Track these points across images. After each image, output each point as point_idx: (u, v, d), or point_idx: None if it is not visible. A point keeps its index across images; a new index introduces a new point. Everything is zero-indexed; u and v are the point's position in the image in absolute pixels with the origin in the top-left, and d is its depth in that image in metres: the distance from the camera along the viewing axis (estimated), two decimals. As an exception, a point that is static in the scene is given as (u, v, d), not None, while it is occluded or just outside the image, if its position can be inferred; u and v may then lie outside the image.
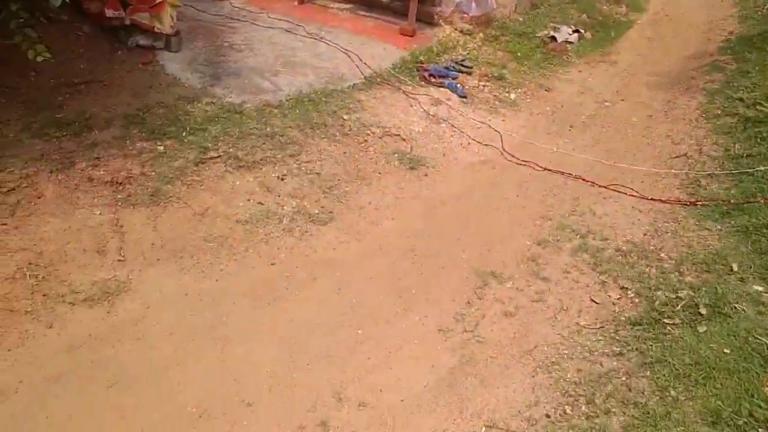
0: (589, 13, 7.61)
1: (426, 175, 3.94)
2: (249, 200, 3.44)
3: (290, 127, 4.08)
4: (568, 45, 6.54)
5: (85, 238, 3.06)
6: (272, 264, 3.09)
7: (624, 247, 3.31)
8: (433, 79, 5.18)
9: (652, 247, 3.30)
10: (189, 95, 4.30)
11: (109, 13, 4.67)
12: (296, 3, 6.51)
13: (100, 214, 3.23)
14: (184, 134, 3.84)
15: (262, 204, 3.43)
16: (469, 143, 4.41)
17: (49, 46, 4.16)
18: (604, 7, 8.34)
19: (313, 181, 3.69)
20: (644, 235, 3.44)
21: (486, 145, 4.41)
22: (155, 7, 4.78)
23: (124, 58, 4.74)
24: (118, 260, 3.00)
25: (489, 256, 3.23)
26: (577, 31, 6.80)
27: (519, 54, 6.05)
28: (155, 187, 3.39)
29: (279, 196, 3.53)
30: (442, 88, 5.11)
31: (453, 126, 4.57)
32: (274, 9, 6.27)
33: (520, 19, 6.73)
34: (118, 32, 4.87)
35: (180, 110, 4.08)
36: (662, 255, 3.23)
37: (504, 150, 4.35)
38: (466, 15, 6.19)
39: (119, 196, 3.35)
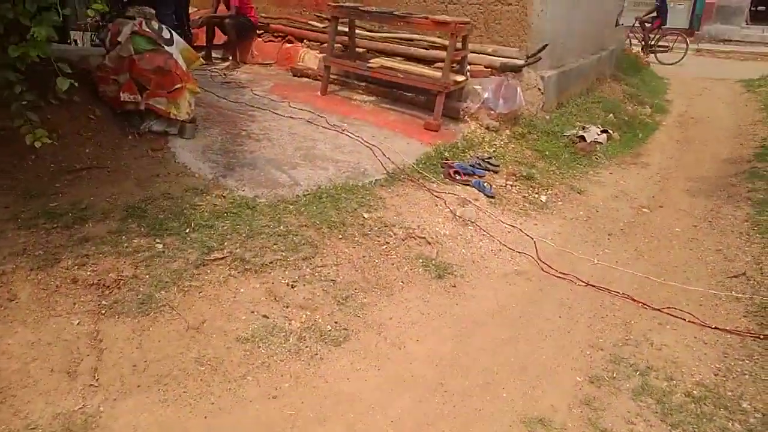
0: (615, 113, 7.44)
1: (454, 286, 3.48)
2: (253, 312, 2.98)
3: (306, 225, 3.70)
4: (596, 145, 6.28)
5: (55, 355, 2.59)
6: (273, 397, 2.57)
7: (695, 392, 2.77)
8: (458, 177, 4.85)
9: (729, 393, 2.76)
10: (198, 186, 3.97)
11: (124, 96, 4.47)
12: (319, 93, 6.38)
13: (78, 323, 2.78)
14: (187, 231, 3.45)
15: (267, 317, 2.96)
16: (500, 249, 3.98)
17: (55, 129, 3.93)
18: (629, 107, 8.22)
19: (327, 290, 3.24)
20: (715, 375, 2.90)
21: (519, 252, 3.98)
22: (173, 92, 4.58)
23: (135, 143, 4.48)
24: (91, 385, 2.50)
25: (534, 396, 2.70)
26: (605, 131, 6.58)
27: (547, 153, 5.77)
28: (147, 294, 2.95)
29: (287, 307, 3.07)
30: (468, 187, 4.77)
31: (482, 229, 4.16)
32: (295, 98, 6.12)
33: (547, 117, 6.53)
34: (131, 117, 4.64)
35: (186, 203, 3.72)
36: (744, 405, 2.68)
37: (539, 259, 3.90)
38: (492, 112, 5.98)
39: (104, 302, 2.90)
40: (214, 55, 8.08)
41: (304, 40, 7.58)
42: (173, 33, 4.75)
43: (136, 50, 4.44)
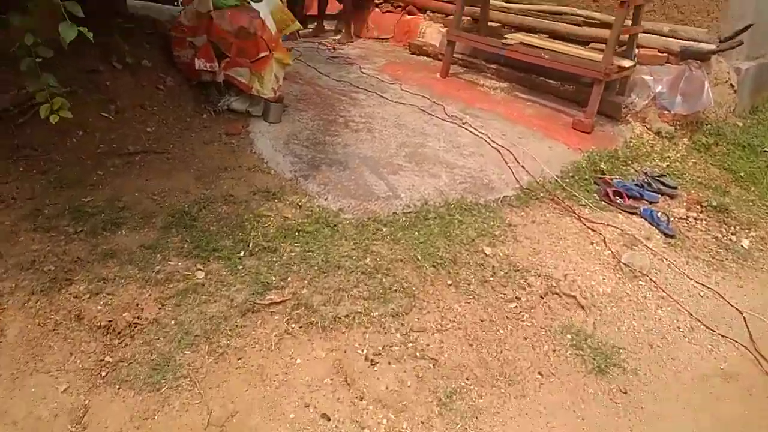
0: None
1: (625, 392, 2.22)
2: (307, 406, 1.95)
3: (402, 260, 2.61)
4: (811, 167, 4.55)
5: (12, 445, 1.75)
6: None
7: None
8: (619, 200, 3.50)
9: None
10: (271, 188, 3.02)
11: (198, 64, 3.63)
12: (438, 75, 5.22)
13: (65, 390, 1.92)
14: (242, 254, 2.51)
15: (328, 419, 1.92)
16: (691, 327, 2.63)
17: (113, 100, 3.15)
18: None
19: (423, 376, 2.14)
20: None
21: (723, 336, 2.60)
22: (258, 62, 3.67)
23: (207, 124, 3.64)
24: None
25: None
26: (824, 148, 4.78)
27: (743, 174, 4.18)
28: (164, 354, 2.03)
29: (361, 399, 2.01)
30: (634, 216, 3.41)
31: (660, 288, 2.83)
32: (409, 80, 5.02)
33: (740, 124, 4.87)
34: (209, 90, 3.81)
35: (250, 212, 2.79)
36: None
37: (757, 352, 2.51)
38: (667, 112, 4.48)
39: (107, 359, 2.03)
40: (326, 26, 7.19)
41: (427, 12, 6.43)
42: (266, -10, 3.82)
43: (216, 5, 3.56)
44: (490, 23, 5.50)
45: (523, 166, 3.59)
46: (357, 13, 6.83)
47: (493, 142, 3.86)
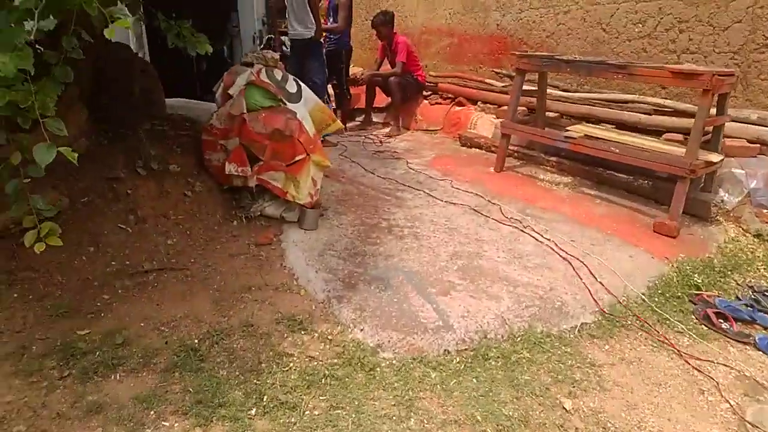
0: None
1: None
2: None
3: (456, 422, 2.03)
4: None
5: None
6: None
7: None
8: (725, 325, 2.82)
9: None
10: (298, 314, 2.56)
11: (229, 168, 3.33)
12: (492, 170, 4.79)
13: None
14: (253, 412, 2.00)
15: None
16: None
17: (134, 210, 2.83)
18: None
19: None
20: None
21: None
22: (294, 166, 3.34)
23: (236, 233, 3.28)
24: None
25: None
26: None
27: None
28: None
29: None
30: (746, 346, 2.71)
31: (803, 459, 2.09)
32: (461, 175, 4.60)
33: None
34: (241, 194, 3.49)
35: (270, 348, 2.31)
36: None
37: None
38: (766, 211, 3.82)
39: None
40: (374, 118, 7.02)
41: (478, 103, 6.13)
42: (303, 87, 3.57)
43: (249, 107, 3.30)
44: (547, 113, 5.10)
45: (601, 282, 3.00)
46: (405, 106, 6.63)
47: (562, 250, 3.30)
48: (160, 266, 2.83)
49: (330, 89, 6.67)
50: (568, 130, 4.37)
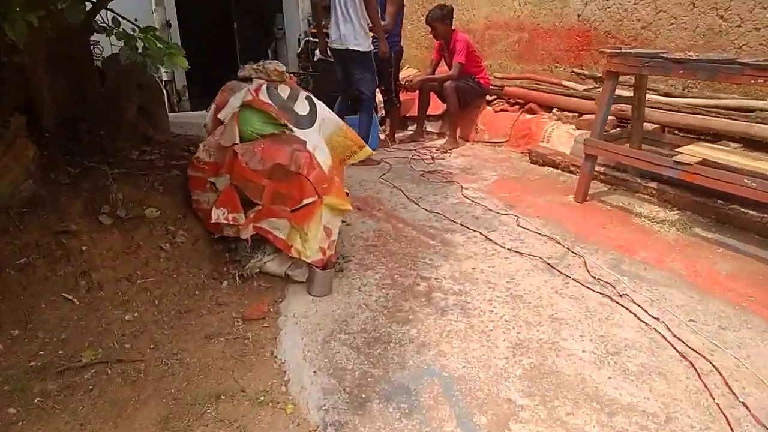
0: None
1: None
2: None
3: None
4: None
5: None
6: None
7: None
8: None
9: None
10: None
11: (217, 214, 2.53)
12: (572, 198, 3.75)
13: None
14: None
15: None
16: None
17: (87, 272, 2.10)
18: None
19: None
20: None
21: None
22: (300, 212, 2.49)
23: (223, 298, 2.48)
24: None
25: None
26: None
27: None
28: None
29: None
30: None
31: None
32: (530, 207, 3.60)
33: None
34: (237, 243, 2.69)
35: None
36: None
37: None
38: None
39: None
40: (428, 127, 6.09)
41: (553, 110, 5.06)
42: (319, 106, 2.72)
43: (244, 135, 2.48)
44: (645, 124, 3.98)
45: (744, 404, 1.94)
46: (464, 113, 5.66)
47: (678, 339, 2.26)
48: (105, 357, 2.07)
49: (378, 95, 5.81)
50: (677, 152, 3.26)
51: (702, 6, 4.13)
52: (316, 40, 4.79)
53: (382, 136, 5.74)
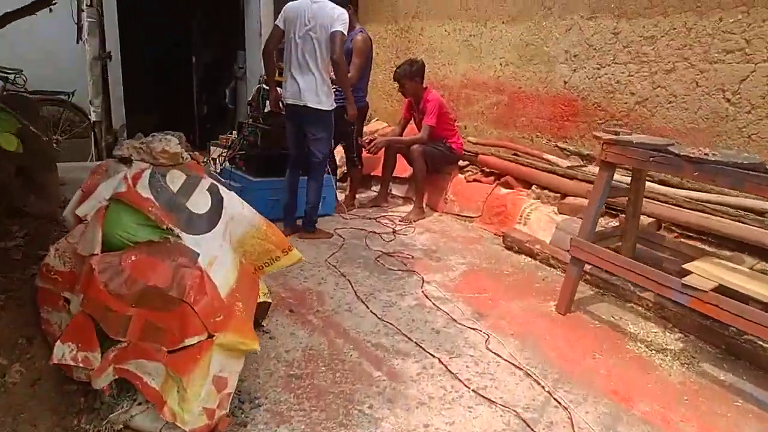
0: None
1: None
2: None
3: None
4: None
5: None
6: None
7: None
8: None
9: None
10: None
11: (61, 352, 1.76)
12: (553, 308, 3.09)
13: None
14: None
15: None
16: None
17: None
18: None
19: None
20: None
21: None
22: (179, 356, 1.74)
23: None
24: None
25: None
26: None
27: None
28: None
29: None
30: None
31: None
32: (504, 318, 2.91)
33: None
34: (99, 397, 1.90)
35: None
36: None
37: None
38: None
39: None
40: (393, 191, 5.45)
41: (533, 187, 4.46)
42: (227, 199, 2.01)
43: (111, 242, 1.75)
44: (642, 216, 3.38)
45: None
46: (433, 180, 5.04)
47: None
48: None
49: (338, 152, 5.16)
50: (684, 269, 2.64)
51: (706, 86, 3.62)
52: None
53: (341, 196, 5.07)
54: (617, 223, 3.67)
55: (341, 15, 3.67)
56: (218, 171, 4.96)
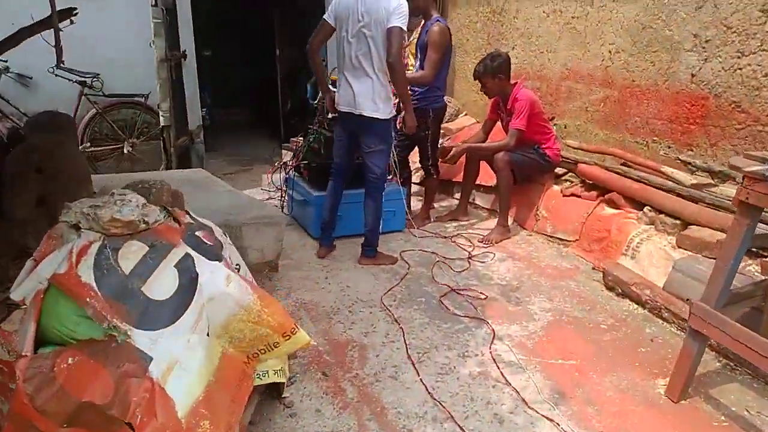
0: None
1: None
2: None
3: None
4: None
5: None
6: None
7: None
8: None
9: None
10: None
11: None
12: (662, 387, 2.32)
13: None
14: None
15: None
16: None
17: None
18: None
19: None
20: None
21: None
22: None
23: None
24: None
25: None
26: None
27: None
28: None
29: None
30: None
31: None
32: (594, 402, 2.21)
33: None
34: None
35: None
36: None
37: None
38: None
39: None
40: (477, 200, 4.80)
41: (645, 208, 3.59)
42: (206, 273, 1.54)
43: (50, 337, 1.36)
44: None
45: None
46: (522, 191, 4.33)
47: None
48: None
49: (412, 160, 4.60)
50: None
51: None
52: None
53: (416, 203, 4.54)
54: (758, 269, 2.77)
55: (399, 7, 3.07)
56: (285, 180, 4.63)
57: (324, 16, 3.33)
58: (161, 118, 4.73)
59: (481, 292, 3.23)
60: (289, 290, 3.19)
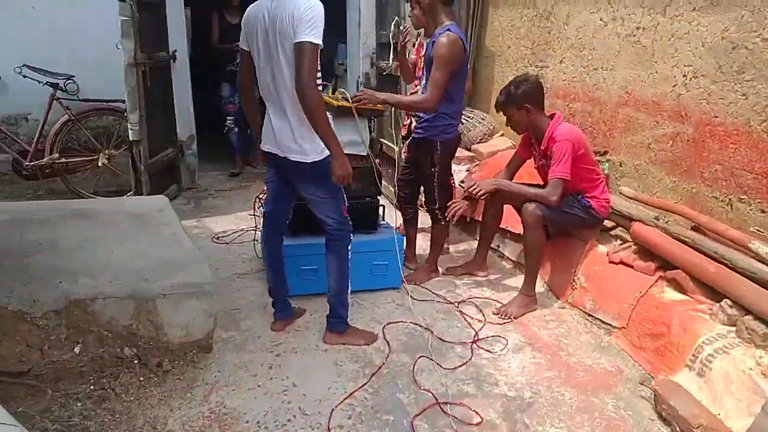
0: None
1: None
2: None
3: None
4: None
5: None
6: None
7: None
8: None
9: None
10: None
11: None
12: None
13: None
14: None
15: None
16: None
17: None
18: None
19: None
20: None
21: None
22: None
23: None
24: None
25: None
26: None
27: None
28: None
29: None
30: None
31: None
32: None
33: None
34: None
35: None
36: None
37: None
38: None
39: None
40: (501, 249, 3.87)
41: (723, 301, 2.55)
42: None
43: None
44: None
45: None
46: (557, 246, 3.38)
47: None
48: None
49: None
50: None
51: None
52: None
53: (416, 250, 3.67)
54: None
55: (308, 11, 2.17)
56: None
57: (238, 43, 2.50)
58: (130, 132, 4.03)
59: (475, 410, 2.32)
60: (213, 388, 2.38)
